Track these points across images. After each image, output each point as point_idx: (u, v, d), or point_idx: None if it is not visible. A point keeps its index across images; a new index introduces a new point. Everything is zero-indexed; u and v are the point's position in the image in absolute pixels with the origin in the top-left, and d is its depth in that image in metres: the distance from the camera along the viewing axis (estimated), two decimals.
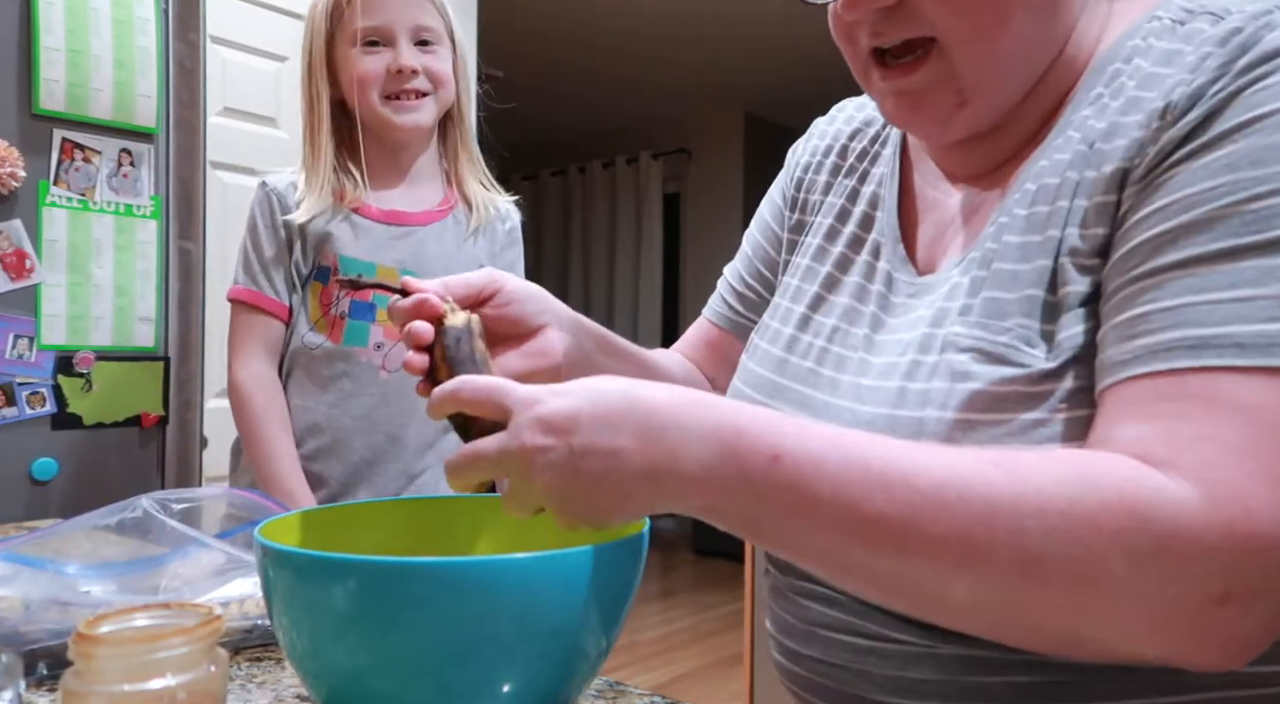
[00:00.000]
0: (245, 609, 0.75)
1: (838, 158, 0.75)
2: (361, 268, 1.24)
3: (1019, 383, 0.52)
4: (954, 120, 0.59)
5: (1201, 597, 0.43)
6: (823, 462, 0.46)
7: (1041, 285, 0.54)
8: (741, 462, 0.47)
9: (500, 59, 3.83)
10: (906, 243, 0.67)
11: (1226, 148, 0.48)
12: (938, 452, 0.47)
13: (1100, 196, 0.53)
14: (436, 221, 1.28)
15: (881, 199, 0.69)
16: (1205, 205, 0.48)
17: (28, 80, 1.57)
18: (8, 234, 1.56)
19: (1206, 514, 0.43)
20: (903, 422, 0.56)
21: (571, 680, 0.57)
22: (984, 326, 0.55)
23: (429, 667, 0.52)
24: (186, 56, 1.78)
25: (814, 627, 0.64)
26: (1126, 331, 0.49)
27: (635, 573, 0.59)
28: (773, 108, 5.33)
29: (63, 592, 0.70)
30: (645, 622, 3.87)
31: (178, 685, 0.47)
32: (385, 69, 1.18)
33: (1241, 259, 0.46)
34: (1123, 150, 0.52)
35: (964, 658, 0.55)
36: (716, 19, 4.05)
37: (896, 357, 0.60)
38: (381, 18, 1.18)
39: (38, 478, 1.59)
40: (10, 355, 1.56)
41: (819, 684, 0.63)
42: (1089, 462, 0.46)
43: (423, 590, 0.51)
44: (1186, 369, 0.46)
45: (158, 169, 1.74)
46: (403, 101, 1.19)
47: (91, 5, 1.63)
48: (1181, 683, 0.51)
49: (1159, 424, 0.46)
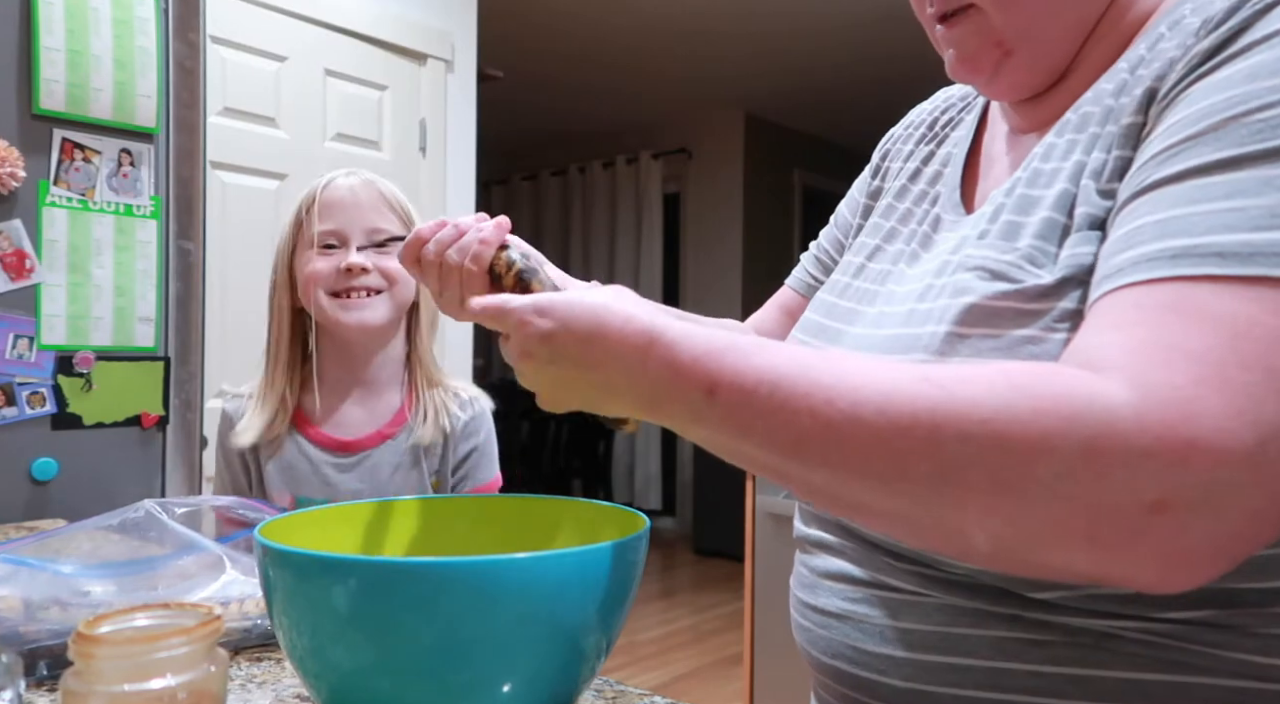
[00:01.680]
0: (245, 609, 0.75)
1: (925, 130, 0.78)
2: (317, 506, 1.25)
3: (1013, 298, 0.53)
4: (1002, 69, 0.62)
5: (1131, 503, 0.41)
6: (754, 391, 0.48)
7: (1060, 209, 0.54)
8: (681, 393, 0.51)
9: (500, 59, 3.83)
10: (966, 194, 0.68)
11: (1251, 58, 0.47)
12: (870, 368, 0.48)
13: (1129, 118, 0.53)
14: (389, 441, 1.24)
15: (953, 156, 0.71)
16: (1216, 115, 0.47)
17: (28, 80, 1.57)
18: (8, 234, 1.56)
19: (1139, 417, 0.41)
20: (904, 339, 0.58)
21: (571, 680, 0.57)
22: (995, 247, 0.56)
23: (429, 667, 0.52)
24: (186, 56, 1.78)
25: (820, 577, 0.66)
26: (1118, 247, 0.48)
27: (635, 573, 0.59)
28: (773, 108, 5.33)
29: (63, 592, 0.70)
30: (645, 622, 3.87)
31: (178, 685, 0.47)
32: (335, 268, 1.19)
33: (1241, 168, 0.45)
34: (1156, 71, 0.52)
35: (950, 608, 0.56)
36: (717, 20, 4.05)
37: (915, 284, 0.62)
38: (336, 221, 1.21)
39: (38, 478, 1.59)
40: (10, 355, 1.56)
41: (821, 636, 0.64)
42: (1028, 372, 0.45)
43: (423, 590, 0.51)
44: (1163, 278, 0.45)
45: (158, 169, 1.74)
46: (351, 299, 1.19)
47: (91, 5, 1.63)
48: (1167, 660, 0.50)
49: (1121, 333, 0.45)
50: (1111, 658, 0.51)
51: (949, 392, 0.44)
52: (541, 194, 6.25)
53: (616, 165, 5.87)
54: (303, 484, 1.23)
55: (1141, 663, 0.51)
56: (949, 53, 0.65)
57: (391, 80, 2.64)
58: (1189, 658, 0.50)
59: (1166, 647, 0.50)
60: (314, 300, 1.21)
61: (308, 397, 1.25)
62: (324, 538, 0.66)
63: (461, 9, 2.85)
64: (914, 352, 0.56)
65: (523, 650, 0.53)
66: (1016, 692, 0.53)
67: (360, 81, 2.57)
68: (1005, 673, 0.54)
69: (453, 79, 2.80)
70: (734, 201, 5.45)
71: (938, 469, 0.44)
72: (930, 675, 0.56)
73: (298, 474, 1.23)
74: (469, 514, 0.72)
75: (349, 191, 1.22)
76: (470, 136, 2.87)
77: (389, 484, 1.23)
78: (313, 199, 1.22)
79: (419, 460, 1.25)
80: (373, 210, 1.23)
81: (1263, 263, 0.42)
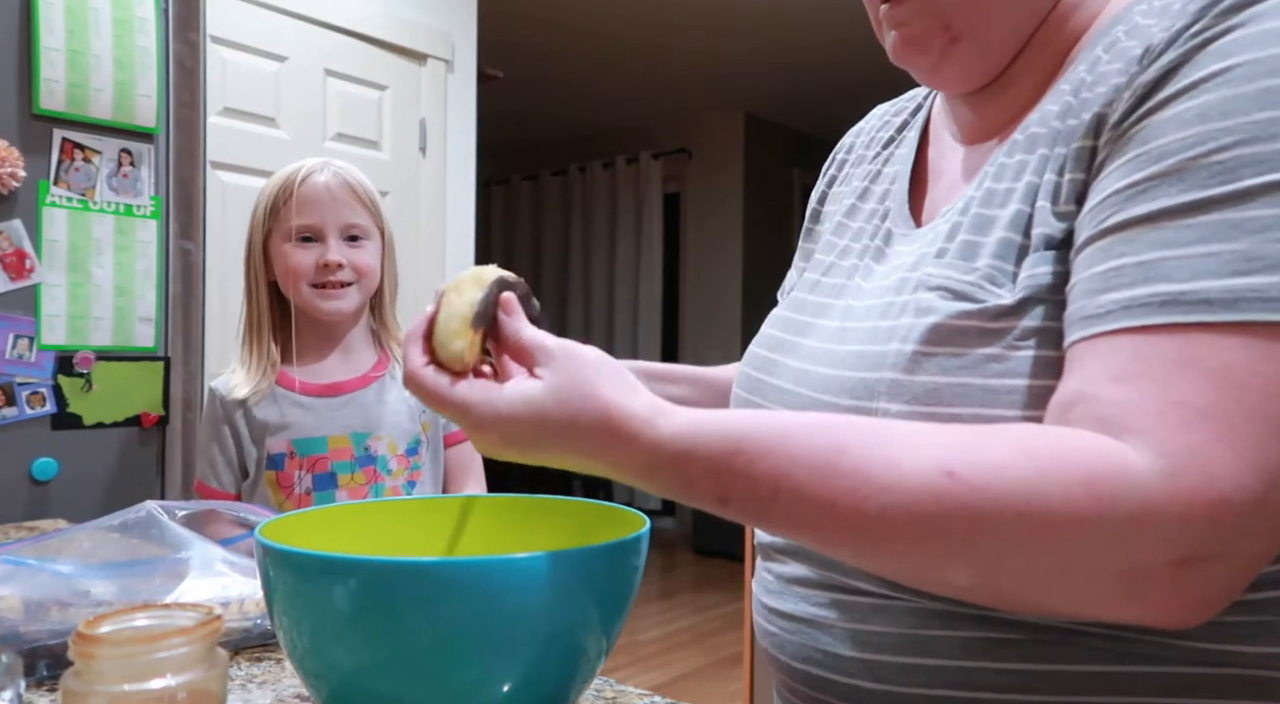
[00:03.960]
0: (245, 609, 0.75)
1: (863, 149, 0.79)
2: (314, 445, 1.34)
3: (976, 318, 0.54)
4: (948, 56, 0.62)
5: (1164, 563, 0.44)
6: (772, 499, 0.48)
7: (1016, 229, 0.56)
8: (693, 499, 0.51)
9: (500, 59, 3.83)
10: (914, 208, 0.69)
11: (1199, 98, 0.48)
12: (888, 458, 0.47)
13: (1079, 142, 0.54)
14: (374, 382, 1.40)
15: (899, 174, 0.72)
16: (1175, 156, 0.48)
17: (28, 80, 1.57)
18: (8, 234, 1.56)
19: (1170, 486, 0.43)
20: (869, 357, 0.59)
21: (571, 680, 0.57)
22: (954, 267, 0.57)
23: (429, 667, 0.52)
24: (186, 56, 1.78)
25: (787, 583, 0.66)
26: (1099, 284, 0.49)
27: (635, 573, 0.59)
28: (773, 108, 5.32)
29: (63, 592, 0.70)
30: (645, 622, 3.87)
31: (178, 685, 0.47)
32: (314, 262, 1.33)
33: (1209, 212, 0.46)
34: (1102, 96, 0.53)
35: (917, 610, 0.57)
36: (717, 19, 4.05)
37: (875, 299, 0.63)
38: (313, 217, 1.34)
39: (38, 478, 1.60)
40: (10, 355, 1.56)
41: (789, 641, 0.65)
42: (1050, 449, 0.46)
43: (423, 590, 0.51)
44: (1158, 326, 0.46)
45: (158, 169, 1.74)
46: (328, 290, 1.35)
47: (91, 5, 1.63)
48: (1128, 652, 0.52)
49: (1130, 387, 0.46)
50: (1076, 652, 0.53)
51: (973, 486, 0.45)
52: (541, 194, 6.25)
53: (616, 165, 5.87)
54: (296, 427, 1.35)
55: (1104, 656, 0.53)
56: (892, 34, 0.64)
57: (391, 80, 2.64)
58: (1147, 649, 0.52)
59: (1126, 640, 0.52)
60: (296, 291, 1.35)
61: (288, 359, 1.39)
62: (324, 538, 0.66)
63: (461, 9, 2.85)
64: (881, 369, 0.57)
65: (523, 650, 0.53)
66: (986, 689, 0.55)
67: (360, 81, 2.57)
68: (975, 671, 0.55)
69: (453, 79, 2.80)
70: (734, 201, 5.45)
71: (977, 564, 0.46)
72: (901, 676, 0.57)
73: (291, 420, 1.35)
74: (469, 514, 0.72)
75: (325, 189, 1.34)
76: (470, 136, 2.87)
77: (381, 418, 1.36)
78: (289, 192, 1.34)
79: (405, 399, 1.38)
80: (346, 206, 1.35)
81: (1246, 308, 0.44)
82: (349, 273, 1.35)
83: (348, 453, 1.34)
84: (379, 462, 1.35)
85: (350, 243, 1.36)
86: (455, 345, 0.55)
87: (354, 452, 1.34)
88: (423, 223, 2.69)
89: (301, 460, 1.33)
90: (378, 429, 1.35)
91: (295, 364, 1.38)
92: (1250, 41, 0.48)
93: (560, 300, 6.15)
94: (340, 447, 1.34)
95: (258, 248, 1.37)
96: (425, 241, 2.70)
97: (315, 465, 1.34)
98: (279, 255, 1.35)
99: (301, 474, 1.34)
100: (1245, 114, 0.46)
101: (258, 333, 1.38)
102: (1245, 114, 0.46)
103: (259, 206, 1.38)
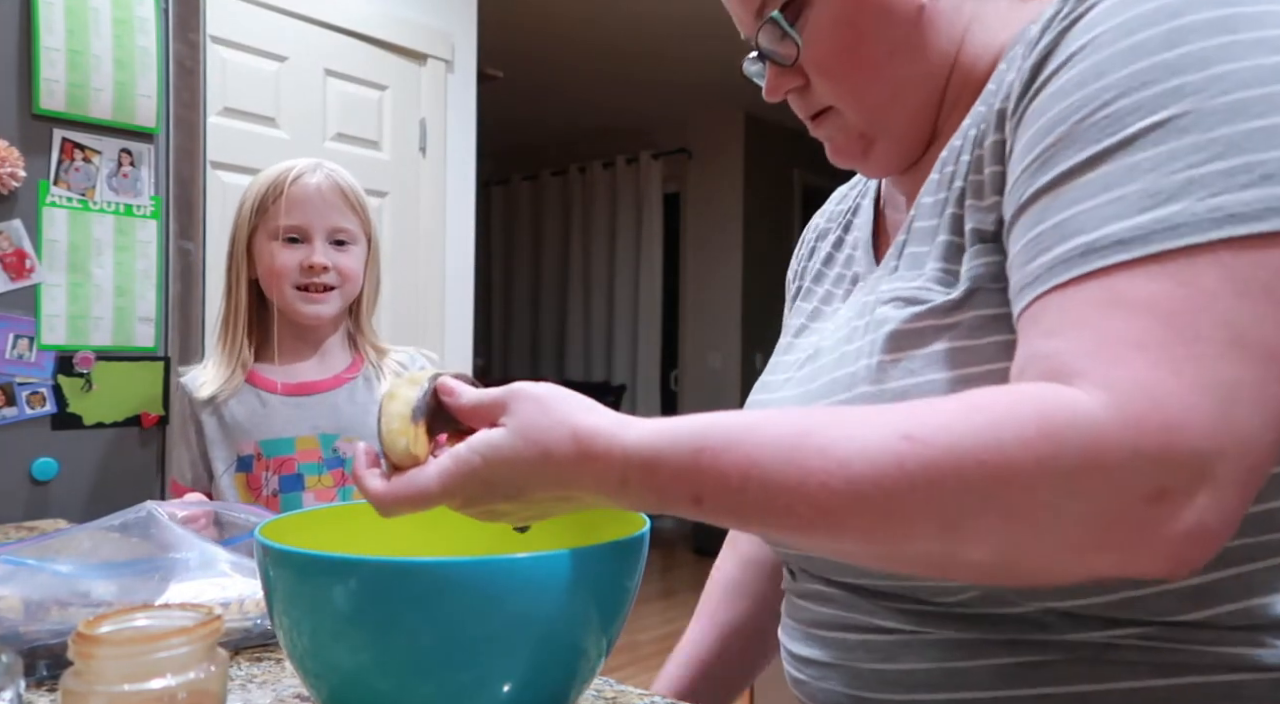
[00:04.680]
0: (245, 609, 0.75)
1: (827, 223, 0.82)
2: (280, 446, 1.33)
3: (928, 317, 0.56)
4: (871, 156, 0.68)
5: (1134, 498, 0.42)
6: (742, 490, 0.48)
7: (953, 231, 0.58)
8: (667, 506, 0.50)
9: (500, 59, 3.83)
10: (877, 257, 0.72)
11: (1074, 69, 0.51)
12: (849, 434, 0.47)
13: (991, 138, 0.57)
14: (346, 384, 1.38)
15: (860, 238, 0.75)
16: (1063, 123, 0.50)
17: (28, 80, 1.57)
18: (8, 234, 1.56)
19: (1118, 415, 0.43)
20: (840, 380, 0.60)
21: (571, 680, 0.57)
22: (904, 278, 0.60)
23: (429, 667, 0.52)
24: (186, 56, 1.78)
25: (811, 627, 0.65)
26: (1025, 256, 0.51)
27: (635, 573, 0.59)
28: (773, 108, 5.30)
29: (63, 592, 0.70)
30: (645, 622, 3.87)
31: (178, 685, 0.47)
32: (299, 263, 1.32)
33: (1105, 163, 0.48)
34: (1001, 95, 0.57)
35: (946, 642, 0.56)
36: (717, 19, 4.05)
37: (841, 330, 0.65)
38: (301, 218, 1.32)
39: (38, 478, 1.59)
40: (10, 355, 1.56)
41: (820, 689, 0.64)
42: (998, 402, 0.46)
43: (423, 590, 0.51)
44: (1080, 276, 0.47)
45: (158, 169, 1.74)
46: (310, 293, 1.34)
47: (91, 5, 1.63)
48: (1166, 663, 0.52)
49: (1063, 337, 0.47)
50: (1113, 670, 0.52)
51: (931, 444, 0.45)
52: (541, 194, 6.25)
53: (616, 165, 5.87)
54: (263, 427, 1.34)
55: (1142, 671, 0.52)
56: (823, 143, 0.70)
57: (391, 80, 2.64)
58: (1185, 658, 0.51)
59: (1162, 650, 0.52)
60: (279, 291, 1.34)
61: (264, 358, 1.38)
62: (324, 538, 0.66)
63: (461, 9, 2.85)
64: (854, 387, 0.58)
65: (523, 650, 0.53)
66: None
67: (360, 81, 2.57)
68: (1011, 700, 0.54)
69: (453, 79, 2.80)
70: (734, 201, 5.45)
71: (946, 522, 0.45)
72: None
73: (258, 420, 1.34)
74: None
75: (316, 191, 1.33)
76: (470, 136, 2.87)
77: (353, 419, 1.35)
78: (279, 191, 1.32)
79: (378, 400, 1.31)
80: (335, 210, 1.34)
81: (1158, 239, 0.45)
82: (333, 276, 1.34)
83: (315, 454, 1.33)
84: (348, 464, 1.33)
85: (336, 247, 1.35)
86: (399, 444, 0.54)
87: (322, 453, 1.33)
88: (423, 223, 2.69)
89: (268, 462, 1.32)
90: (348, 430, 1.34)
91: (275, 361, 1.37)
92: (1107, 12, 0.51)
93: (560, 300, 6.15)
94: (308, 448, 1.33)
95: (241, 244, 1.36)
96: (425, 241, 2.70)
97: (282, 467, 1.33)
98: (263, 253, 1.34)
99: (269, 475, 1.33)
100: (1116, 72, 0.49)
101: (233, 330, 1.37)
102: (1116, 72, 0.49)
103: (246, 202, 1.36)
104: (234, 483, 1.33)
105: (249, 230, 1.35)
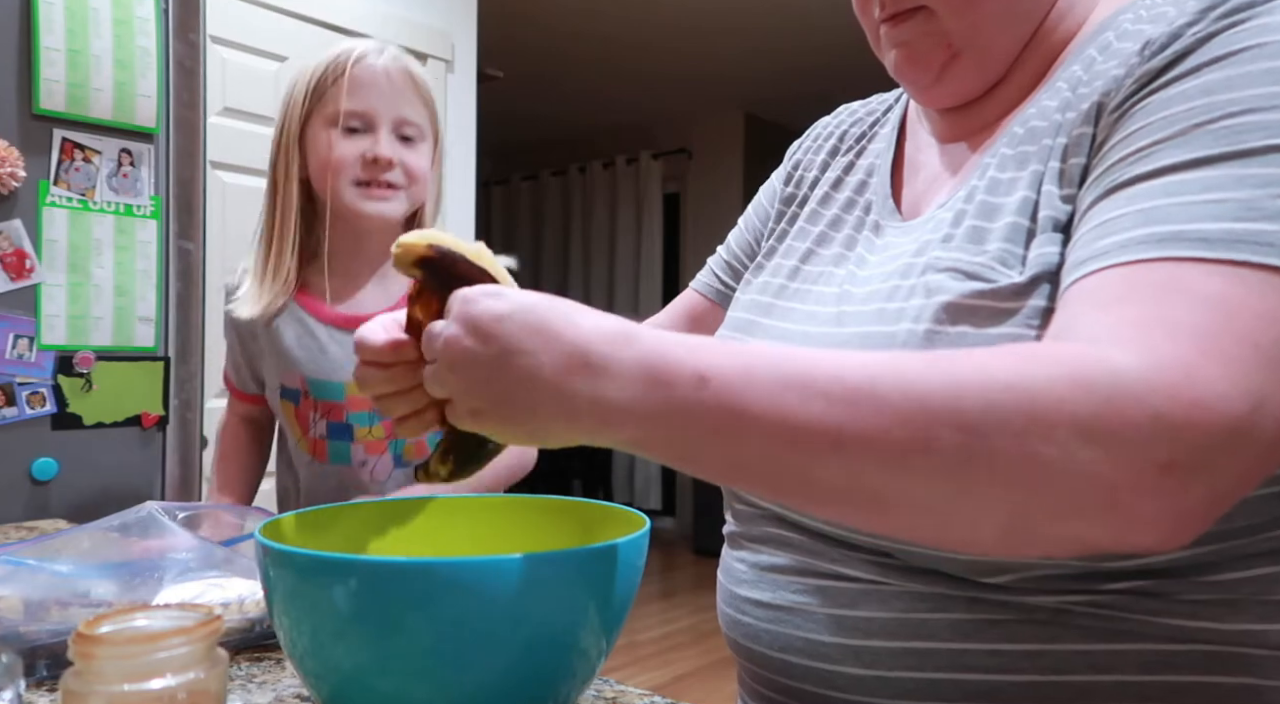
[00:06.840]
0: (245, 609, 0.75)
1: (836, 141, 0.79)
2: (329, 390, 1.16)
3: (988, 297, 0.54)
4: (948, 72, 0.64)
5: (1146, 462, 0.42)
6: (751, 375, 0.45)
7: (1023, 214, 0.57)
8: (669, 387, 0.46)
9: (500, 59, 3.83)
10: (896, 200, 0.70)
11: (1204, 77, 0.50)
12: (872, 354, 0.47)
13: (1078, 129, 0.56)
14: None
15: (877, 167, 0.73)
16: (1180, 123, 0.50)
17: (28, 80, 1.57)
18: (8, 234, 1.56)
19: (1151, 378, 0.42)
20: (875, 337, 0.59)
21: (571, 680, 0.57)
22: (964, 249, 0.58)
23: (429, 667, 0.52)
24: (186, 56, 1.78)
25: (763, 572, 0.66)
26: (1095, 234, 0.50)
27: (635, 573, 0.59)
28: (773, 108, 5.32)
29: (63, 592, 0.70)
30: (645, 622, 3.87)
31: (178, 685, 0.47)
32: (361, 155, 1.12)
33: (1214, 166, 0.47)
34: (1100, 88, 0.55)
35: (910, 594, 0.57)
36: (717, 19, 4.05)
37: (879, 284, 0.63)
38: (366, 103, 1.12)
39: (38, 478, 1.59)
40: (10, 355, 1.56)
41: (766, 630, 0.64)
42: (1031, 347, 0.46)
43: (423, 590, 0.51)
44: (1151, 259, 0.47)
45: (158, 169, 1.74)
46: (373, 190, 1.13)
47: (91, 5, 1.63)
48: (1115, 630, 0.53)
49: (1115, 310, 0.46)
50: (1064, 631, 0.54)
51: (961, 366, 0.45)
52: (541, 194, 6.24)
53: (616, 165, 5.87)
54: (311, 363, 1.17)
55: (1090, 635, 0.53)
56: (892, 53, 0.66)
57: None
58: (1129, 626, 0.53)
59: (1110, 617, 0.53)
60: (334, 187, 1.13)
61: (314, 276, 1.19)
62: (324, 538, 0.66)
63: (461, 9, 2.85)
64: (890, 347, 0.57)
65: (523, 651, 0.53)
66: (976, 670, 0.55)
67: None
68: (965, 653, 0.55)
69: (453, 79, 2.80)
70: (734, 202, 5.45)
71: (964, 439, 0.43)
72: (890, 660, 0.57)
73: (306, 350, 1.17)
74: (469, 514, 0.72)
75: (383, 74, 1.13)
76: (470, 136, 2.87)
77: None
78: (340, 71, 1.12)
79: None
80: (403, 98, 1.14)
81: (1245, 249, 0.45)
82: (399, 175, 1.14)
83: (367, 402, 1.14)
84: None
85: (403, 142, 1.14)
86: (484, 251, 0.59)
87: None
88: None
89: (316, 403, 1.16)
90: None
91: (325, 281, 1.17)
92: (1254, 31, 0.50)
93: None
94: (359, 395, 1.13)
95: (293, 135, 1.15)
96: None
97: (330, 413, 1.16)
98: (318, 143, 1.13)
99: (316, 418, 1.17)
100: (1248, 88, 0.48)
101: (279, 240, 1.16)
102: (1248, 88, 0.48)
103: (298, 85, 1.16)
104: (281, 407, 1.20)
105: (301, 119, 1.15)
